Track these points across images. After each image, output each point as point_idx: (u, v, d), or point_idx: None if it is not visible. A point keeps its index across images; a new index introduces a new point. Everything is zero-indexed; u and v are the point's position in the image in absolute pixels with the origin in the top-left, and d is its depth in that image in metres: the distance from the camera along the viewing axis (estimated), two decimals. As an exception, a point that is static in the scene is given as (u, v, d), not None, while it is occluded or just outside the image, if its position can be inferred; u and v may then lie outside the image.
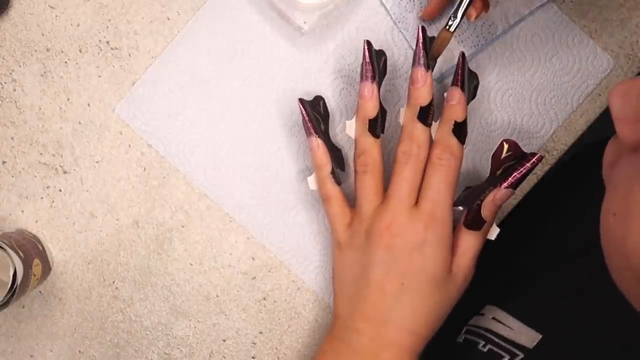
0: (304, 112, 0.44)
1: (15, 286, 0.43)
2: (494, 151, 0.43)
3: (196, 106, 0.49)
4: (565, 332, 0.40)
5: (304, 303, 0.50)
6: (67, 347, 0.50)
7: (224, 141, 0.49)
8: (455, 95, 0.43)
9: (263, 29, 0.49)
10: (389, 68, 0.46)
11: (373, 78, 0.44)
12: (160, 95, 0.49)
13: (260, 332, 0.50)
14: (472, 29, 0.48)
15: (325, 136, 0.46)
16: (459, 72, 0.44)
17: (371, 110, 0.44)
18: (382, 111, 0.45)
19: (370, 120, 0.44)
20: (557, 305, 0.43)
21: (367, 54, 0.43)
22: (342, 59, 0.49)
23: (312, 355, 0.50)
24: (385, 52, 0.45)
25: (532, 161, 0.41)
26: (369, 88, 0.44)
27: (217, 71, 0.49)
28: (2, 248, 0.43)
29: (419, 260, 0.42)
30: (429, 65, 0.43)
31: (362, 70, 0.44)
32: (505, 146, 0.42)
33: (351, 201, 0.46)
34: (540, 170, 0.50)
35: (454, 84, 0.44)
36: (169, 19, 0.49)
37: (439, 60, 0.46)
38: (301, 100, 0.44)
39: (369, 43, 0.43)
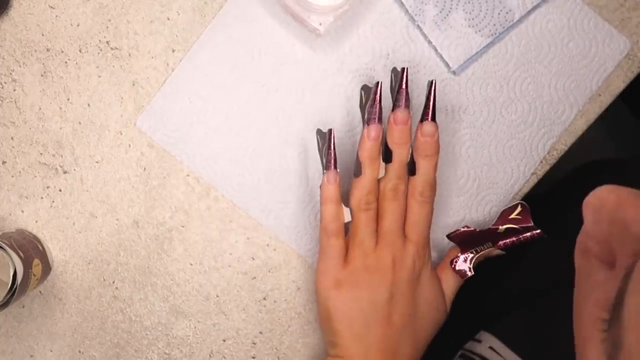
0: (332, 144, 0.44)
1: (15, 286, 0.43)
2: (506, 207, 0.46)
3: (217, 114, 0.49)
4: None
5: (304, 303, 0.50)
6: (67, 347, 0.50)
7: (247, 147, 0.49)
8: (431, 130, 0.43)
9: (279, 33, 0.49)
10: (407, 64, 0.45)
11: (380, 119, 0.43)
12: (181, 105, 0.49)
13: (260, 332, 0.50)
14: (489, 18, 0.48)
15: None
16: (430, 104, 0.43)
17: (376, 152, 0.44)
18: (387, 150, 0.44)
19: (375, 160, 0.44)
20: (558, 340, 0.42)
21: (377, 95, 0.43)
22: (358, 59, 0.49)
23: (312, 355, 0.50)
24: (402, 48, 0.45)
25: (532, 234, 0.44)
26: (376, 130, 0.43)
27: (236, 78, 0.49)
28: (2, 248, 0.43)
29: (418, 289, 0.44)
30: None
31: (369, 113, 0.43)
32: (518, 209, 0.45)
33: None
34: (540, 171, 0.50)
35: (425, 117, 0.43)
36: (169, 19, 0.49)
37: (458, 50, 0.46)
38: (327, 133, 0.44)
39: (378, 84, 0.42)
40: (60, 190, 0.50)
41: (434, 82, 0.43)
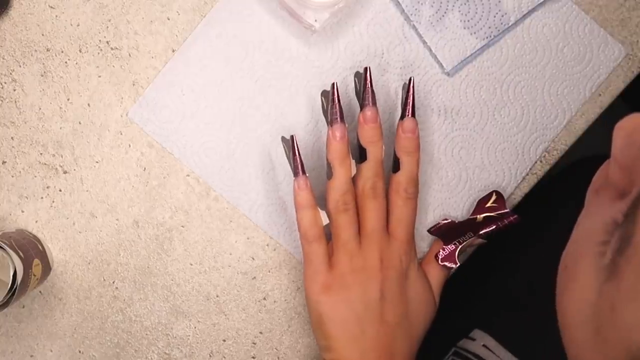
0: (296, 150, 0.44)
1: (15, 286, 0.43)
2: (482, 197, 0.47)
3: (209, 108, 0.49)
4: None
5: (304, 303, 0.50)
6: (67, 347, 0.50)
7: (238, 142, 0.49)
8: (411, 126, 0.44)
9: (274, 28, 0.49)
10: (401, 64, 0.46)
11: (342, 119, 0.43)
12: (174, 98, 0.49)
13: (260, 332, 0.50)
14: (485, 20, 0.48)
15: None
16: (410, 100, 0.44)
17: (345, 151, 0.43)
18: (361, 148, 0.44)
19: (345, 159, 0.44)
20: (553, 338, 0.42)
21: (335, 95, 0.43)
22: (353, 57, 0.49)
23: (312, 355, 0.50)
24: (397, 47, 0.46)
25: (509, 220, 0.45)
26: (341, 130, 0.43)
27: (229, 72, 0.49)
28: (2, 248, 0.43)
29: (407, 286, 0.44)
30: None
31: (331, 114, 0.44)
32: (493, 197, 0.46)
33: None
34: (540, 170, 0.50)
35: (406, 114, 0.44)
36: (169, 19, 0.49)
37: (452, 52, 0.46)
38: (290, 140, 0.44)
39: (333, 85, 0.43)
40: (60, 190, 0.50)
41: (412, 79, 0.43)
